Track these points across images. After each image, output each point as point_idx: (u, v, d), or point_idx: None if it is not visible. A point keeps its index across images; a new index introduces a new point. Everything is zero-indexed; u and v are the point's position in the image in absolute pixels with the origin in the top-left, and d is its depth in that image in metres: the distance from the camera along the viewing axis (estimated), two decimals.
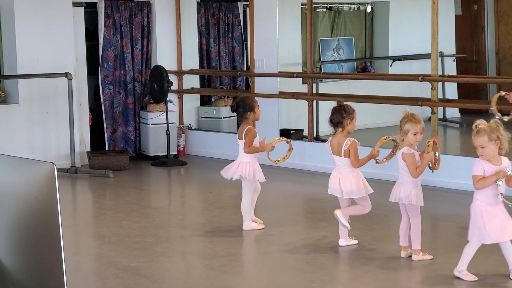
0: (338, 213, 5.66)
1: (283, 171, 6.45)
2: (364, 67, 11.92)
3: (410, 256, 5.41)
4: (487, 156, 4.77)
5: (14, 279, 2.37)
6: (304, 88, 9.49)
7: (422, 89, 9.03)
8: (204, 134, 10.22)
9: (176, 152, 9.97)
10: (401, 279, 5.17)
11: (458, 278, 4.95)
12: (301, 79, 9.89)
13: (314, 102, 9.28)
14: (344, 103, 5.76)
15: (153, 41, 10.12)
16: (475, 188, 4.84)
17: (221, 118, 10.43)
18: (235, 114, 10.49)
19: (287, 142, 6.37)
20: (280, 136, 8.66)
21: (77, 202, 8.14)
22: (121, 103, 9.95)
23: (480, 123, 4.80)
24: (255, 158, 6.25)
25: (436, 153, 5.30)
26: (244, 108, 6.27)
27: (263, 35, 9.35)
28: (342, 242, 5.74)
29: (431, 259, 5.37)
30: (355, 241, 5.76)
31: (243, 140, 6.21)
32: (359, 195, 5.63)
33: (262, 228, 6.28)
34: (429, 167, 5.33)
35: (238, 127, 10.59)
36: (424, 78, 8.09)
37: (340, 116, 5.66)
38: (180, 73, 10.33)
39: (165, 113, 9.63)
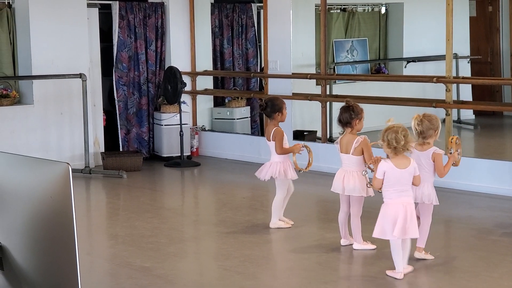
0: (357, 246, 5.68)
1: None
2: (378, 69, 11.89)
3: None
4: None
5: (28, 279, 2.38)
6: (317, 90, 9.48)
7: (436, 91, 8.99)
8: (217, 135, 10.22)
9: (189, 153, 9.98)
10: (413, 280, 5.15)
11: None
12: (314, 80, 9.88)
13: (328, 103, 9.27)
14: (353, 102, 5.76)
15: (167, 42, 10.15)
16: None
17: (234, 119, 10.44)
18: (248, 115, 10.66)
19: (307, 148, 6.38)
20: (293, 139, 8.74)
21: (91, 203, 8.16)
22: (135, 104, 9.97)
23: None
24: (287, 157, 6.31)
25: (458, 150, 5.37)
26: (272, 108, 6.34)
27: (276, 36, 9.35)
28: (356, 246, 5.72)
29: (433, 259, 5.37)
30: (373, 246, 5.73)
31: (272, 141, 6.27)
32: (359, 193, 5.62)
33: (289, 227, 6.35)
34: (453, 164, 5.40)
35: (251, 128, 10.70)
36: (438, 79, 8.06)
37: (349, 116, 5.66)
38: (193, 74, 10.34)
39: (178, 114, 9.65)
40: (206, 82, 10.60)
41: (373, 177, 5.06)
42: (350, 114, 5.66)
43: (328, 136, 9.22)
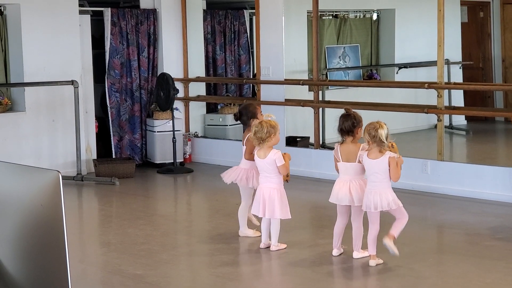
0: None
1: None
2: (370, 75, 11.92)
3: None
4: None
5: (19, 287, 2.37)
6: (310, 96, 9.49)
7: (428, 97, 9.01)
8: (210, 141, 10.22)
9: (182, 160, 9.97)
10: (405, 286, 5.15)
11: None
12: (307, 86, 9.89)
13: (320, 109, 9.27)
14: (353, 110, 5.73)
15: (159, 48, 10.14)
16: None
17: (227, 125, 10.44)
18: (239, 122, 10.64)
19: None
20: (286, 145, 8.77)
21: (83, 210, 8.14)
22: (127, 110, 9.96)
23: None
24: (254, 165, 6.26)
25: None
26: (247, 116, 6.33)
27: (269, 42, 9.36)
28: (356, 254, 5.65)
29: (383, 263, 5.39)
30: (367, 254, 5.67)
31: (244, 146, 6.28)
32: (361, 203, 5.59)
33: (258, 236, 6.27)
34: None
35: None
36: (430, 85, 8.08)
37: (351, 124, 5.58)
38: (186, 80, 10.34)
39: (171, 121, 9.64)
40: (198, 89, 10.60)
41: None
42: (352, 122, 5.57)
43: (320, 142, 9.23)
